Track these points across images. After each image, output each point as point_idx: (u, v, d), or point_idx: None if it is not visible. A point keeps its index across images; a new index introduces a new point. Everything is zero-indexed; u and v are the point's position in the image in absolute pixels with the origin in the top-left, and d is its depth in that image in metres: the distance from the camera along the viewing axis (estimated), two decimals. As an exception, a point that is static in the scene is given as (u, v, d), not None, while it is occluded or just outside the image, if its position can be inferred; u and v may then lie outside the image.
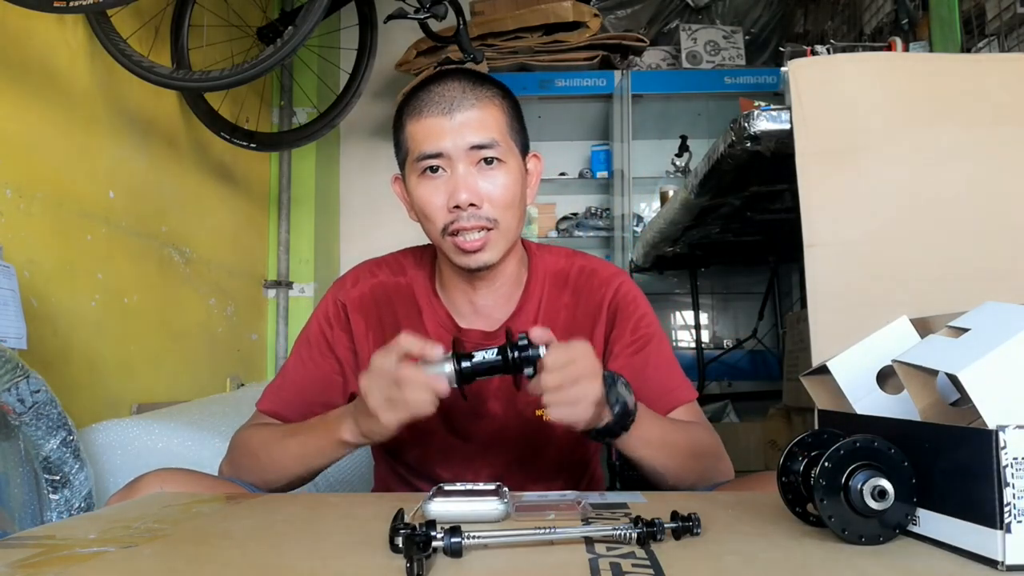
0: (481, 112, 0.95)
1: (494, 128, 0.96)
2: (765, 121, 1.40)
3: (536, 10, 2.84)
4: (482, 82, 0.99)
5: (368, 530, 0.61)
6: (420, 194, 0.97)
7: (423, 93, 0.97)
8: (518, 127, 1.01)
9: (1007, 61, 1.44)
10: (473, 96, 0.96)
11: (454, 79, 0.97)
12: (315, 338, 1.07)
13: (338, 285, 1.10)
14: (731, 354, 3.26)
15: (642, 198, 3.29)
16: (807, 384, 0.70)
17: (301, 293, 2.91)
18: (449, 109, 0.94)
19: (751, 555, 0.53)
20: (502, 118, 0.98)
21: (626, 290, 1.08)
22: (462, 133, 0.94)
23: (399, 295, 1.07)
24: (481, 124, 0.95)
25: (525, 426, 1.03)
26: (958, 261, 1.30)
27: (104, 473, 1.39)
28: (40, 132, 1.59)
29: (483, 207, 0.94)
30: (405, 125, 0.98)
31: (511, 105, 1.01)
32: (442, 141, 0.94)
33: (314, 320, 1.09)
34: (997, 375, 0.50)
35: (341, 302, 1.07)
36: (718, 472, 0.96)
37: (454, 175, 0.94)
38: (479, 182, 0.94)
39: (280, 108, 2.94)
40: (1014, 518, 0.47)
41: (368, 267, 1.11)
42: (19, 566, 0.51)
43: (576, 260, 1.10)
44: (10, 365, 1.14)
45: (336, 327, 1.07)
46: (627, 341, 1.05)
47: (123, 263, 1.87)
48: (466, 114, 0.94)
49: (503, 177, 0.96)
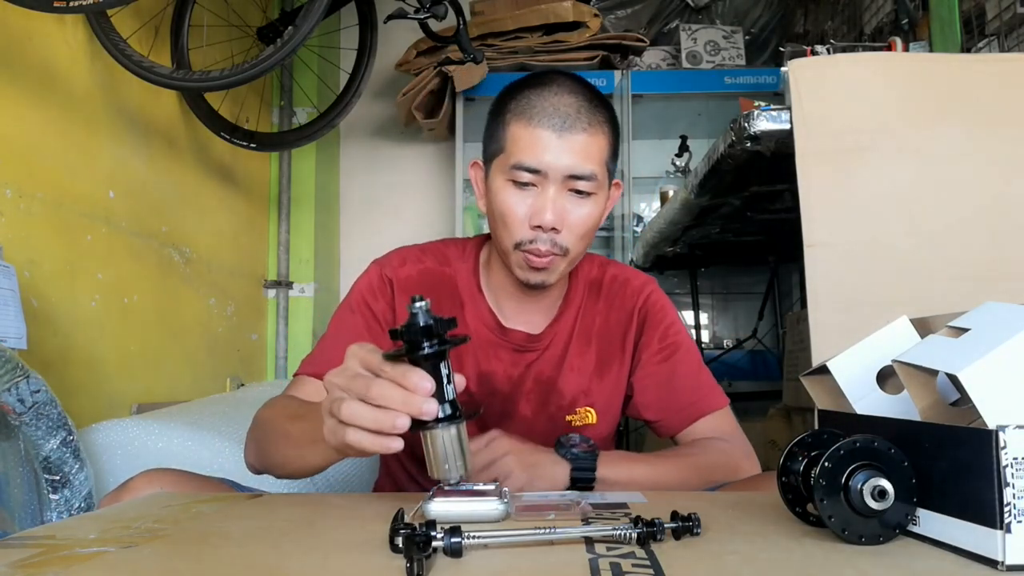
0: (589, 139, 0.92)
1: (596, 159, 0.93)
2: (765, 121, 1.40)
3: (536, 10, 2.84)
4: (597, 104, 0.95)
5: (368, 530, 0.61)
6: (503, 199, 0.95)
7: (538, 98, 0.93)
8: (615, 156, 0.99)
9: (1007, 61, 1.44)
10: (587, 119, 0.93)
11: (572, 93, 0.94)
12: (358, 305, 1.03)
13: (383, 262, 1.07)
14: (731, 354, 3.26)
15: (642, 198, 3.29)
16: (807, 384, 0.70)
17: (301, 293, 2.91)
18: (561, 127, 0.91)
19: (751, 555, 0.53)
20: (606, 148, 0.95)
21: (655, 299, 1.09)
22: (566, 156, 0.91)
23: (443, 285, 1.05)
24: (586, 153, 0.92)
25: (553, 430, 1.03)
26: (958, 261, 1.30)
27: (104, 473, 1.39)
28: (40, 132, 1.59)
29: (562, 233, 0.93)
30: (509, 122, 0.95)
31: (614, 133, 0.98)
32: (544, 157, 0.91)
33: (355, 292, 1.05)
34: (997, 375, 0.50)
35: (388, 277, 1.04)
36: (738, 477, 0.95)
37: (544, 193, 0.92)
38: (566, 207, 0.93)
39: (280, 108, 2.94)
40: (1014, 518, 0.47)
41: (414, 252, 1.08)
42: (19, 566, 0.51)
43: (609, 269, 1.11)
44: (10, 365, 1.14)
45: (381, 299, 1.03)
46: (655, 349, 1.07)
47: (123, 263, 1.87)
48: (575, 138, 0.91)
49: (589, 208, 0.95)
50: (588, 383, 1.06)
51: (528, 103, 0.94)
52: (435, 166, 3.38)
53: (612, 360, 1.07)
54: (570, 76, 0.98)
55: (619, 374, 1.07)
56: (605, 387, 1.07)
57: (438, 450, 0.63)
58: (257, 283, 2.79)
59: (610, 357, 1.07)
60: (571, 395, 1.05)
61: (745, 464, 1.00)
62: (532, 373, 1.05)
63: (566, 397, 1.05)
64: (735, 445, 1.02)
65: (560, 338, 1.06)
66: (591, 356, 1.07)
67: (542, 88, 0.94)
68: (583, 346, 1.07)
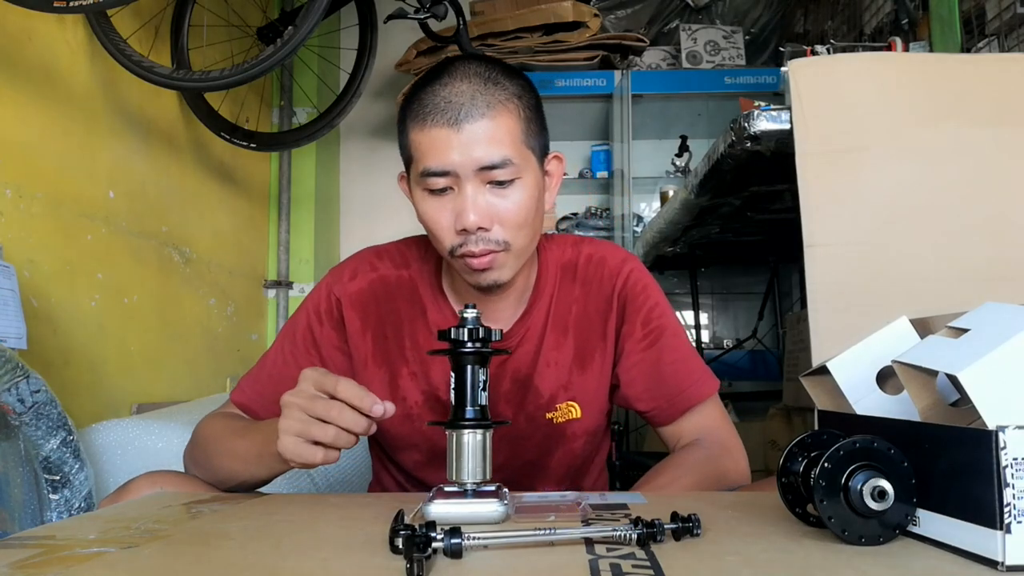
0: (492, 123, 0.84)
1: (507, 142, 0.85)
2: (765, 121, 1.39)
3: (536, 10, 2.84)
4: (494, 81, 0.87)
5: (368, 531, 0.61)
6: (425, 211, 0.89)
7: (428, 95, 0.86)
8: (536, 129, 0.90)
9: (1007, 61, 1.44)
10: (484, 102, 0.84)
11: (463, 79, 0.86)
12: (301, 333, 1.01)
13: (335, 275, 1.03)
14: (731, 354, 3.26)
15: (642, 198, 3.29)
16: (807, 384, 0.70)
17: (301, 293, 2.91)
18: (456, 119, 0.83)
19: (751, 556, 0.53)
20: (516, 126, 0.87)
21: (635, 279, 1.01)
22: (470, 149, 0.84)
23: (401, 290, 1.01)
24: (492, 138, 0.84)
25: (535, 430, 1.00)
26: (958, 261, 1.30)
27: (104, 473, 1.39)
28: (40, 132, 1.59)
29: (492, 229, 0.87)
30: (409, 130, 0.88)
31: (528, 105, 0.89)
32: (448, 156, 0.84)
33: (303, 313, 1.02)
34: (997, 375, 0.50)
35: (336, 297, 1.01)
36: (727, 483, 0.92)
37: (461, 194, 0.85)
38: (490, 201, 0.86)
39: (280, 108, 2.94)
40: (1014, 518, 0.47)
41: (369, 258, 1.04)
42: (19, 566, 0.51)
43: (583, 248, 1.04)
44: (10, 365, 1.14)
45: (327, 323, 1.00)
46: (638, 336, 1.00)
47: (123, 263, 1.87)
48: (475, 125, 0.83)
49: (517, 195, 0.87)
50: (567, 377, 1.00)
51: (420, 104, 0.87)
52: (435, 166, 3.37)
53: (593, 350, 1.00)
54: (463, 59, 0.90)
55: (602, 364, 1.01)
56: (588, 379, 1.00)
57: (462, 451, 0.66)
58: (257, 283, 2.80)
59: (591, 347, 1.00)
60: (549, 392, 0.99)
61: (730, 465, 0.95)
62: (508, 372, 0.99)
63: (544, 395, 0.99)
64: (718, 449, 0.97)
65: (533, 332, 1.00)
66: (569, 348, 1.00)
67: (433, 83, 0.87)
68: (559, 337, 1.00)
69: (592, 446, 1.06)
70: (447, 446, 0.67)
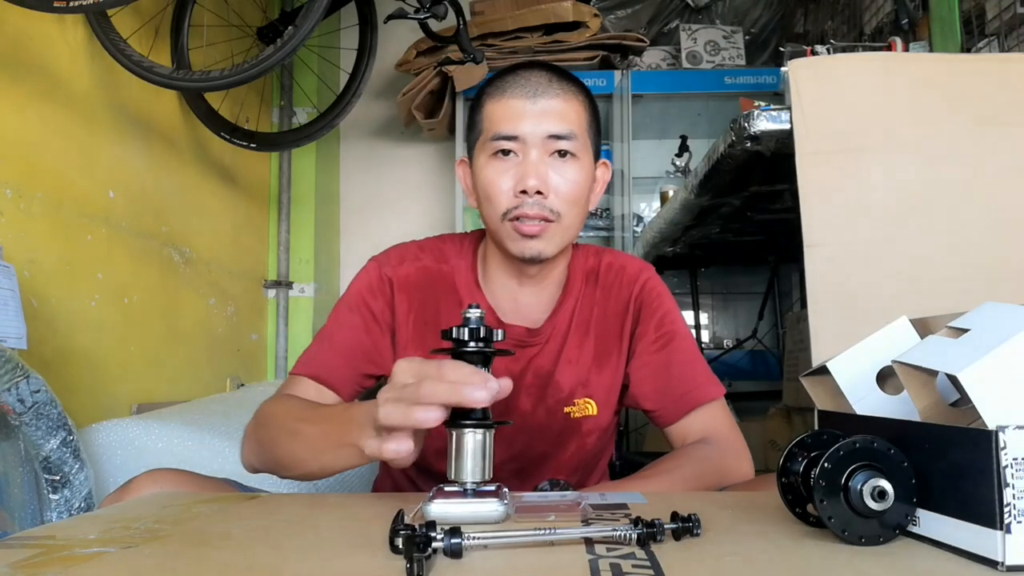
0: (564, 103, 0.94)
1: (574, 121, 0.95)
2: (765, 121, 1.40)
3: (536, 10, 2.84)
4: (568, 76, 0.98)
5: (368, 531, 0.61)
6: (487, 174, 0.95)
7: (509, 75, 0.97)
8: (595, 129, 1.00)
9: (1007, 61, 1.44)
10: (558, 86, 0.95)
11: (541, 68, 0.98)
12: (357, 304, 1.02)
13: (381, 260, 1.06)
14: (731, 354, 3.26)
15: (642, 198, 3.29)
16: (807, 384, 0.70)
17: (301, 293, 2.91)
18: (533, 94, 0.94)
19: (751, 556, 0.53)
20: (583, 114, 0.97)
21: (651, 287, 1.08)
22: (542, 120, 0.93)
23: (441, 283, 1.05)
24: (562, 115, 0.94)
25: (552, 423, 1.04)
26: (958, 261, 1.30)
27: (104, 473, 1.39)
28: (40, 132, 1.59)
29: (549, 197, 0.93)
30: (484, 104, 0.97)
31: (591, 105, 1.00)
32: (521, 124, 0.93)
33: (354, 289, 1.04)
34: (997, 375, 0.50)
35: (388, 276, 1.03)
36: (729, 481, 0.94)
37: (526, 160, 0.93)
38: (550, 171, 0.93)
39: (280, 108, 2.94)
40: (1014, 518, 0.47)
41: (411, 249, 1.08)
42: (19, 566, 0.51)
43: (604, 257, 1.10)
44: (10, 365, 1.14)
45: (380, 298, 1.02)
46: (651, 339, 1.06)
47: (123, 263, 1.87)
48: (549, 102, 0.94)
49: (574, 172, 0.95)
50: (586, 375, 1.05)
51: (501, 81, 0.97)
52: (435, 166, 3.38)
53: (611, 350, 1.06)
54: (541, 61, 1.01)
55: (617, 364, 1.07)
56: (604, 378, 1.06)
57: (463, 451, 0.66)
58: (257, 283, 2.80)
59: (608, 347, 1.06)
60: (569, 387, 1.05)
61: (733, 464, 0.97)
62: (532, 367, 1.04)
63: (564, 390, 1.05)
64: (722, 447, 0.99)
65: (559, 330, 1.05)
66: (589, 347, 1.06)
67: (515, 69, 0.98)
68: (581, 337, 1.06)
69: (602, 443, 1.10)
70: (447, 445, 0.68)
